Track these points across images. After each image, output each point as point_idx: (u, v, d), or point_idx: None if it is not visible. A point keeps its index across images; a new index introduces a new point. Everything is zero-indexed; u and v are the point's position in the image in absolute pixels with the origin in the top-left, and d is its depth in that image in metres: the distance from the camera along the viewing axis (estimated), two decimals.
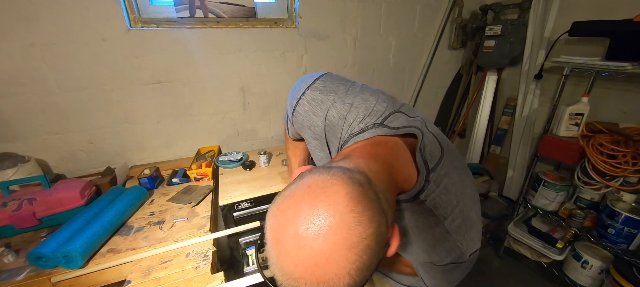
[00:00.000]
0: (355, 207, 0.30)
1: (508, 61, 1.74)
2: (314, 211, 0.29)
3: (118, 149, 1.40)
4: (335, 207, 0.29)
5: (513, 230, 1.69)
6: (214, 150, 1.51)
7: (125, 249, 0.89)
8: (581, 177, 1.42)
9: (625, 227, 1.27)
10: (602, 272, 1.41)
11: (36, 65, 1.14)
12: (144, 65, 1.30)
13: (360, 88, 0.55)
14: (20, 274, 0.79)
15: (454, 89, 2.20)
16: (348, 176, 0.32)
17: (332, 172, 0.33)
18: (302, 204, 0.30)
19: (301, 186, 0.32)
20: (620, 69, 1.21)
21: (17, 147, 1.21)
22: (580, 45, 1.48)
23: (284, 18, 1.52)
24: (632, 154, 1.21)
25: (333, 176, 0.32)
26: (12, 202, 0.94)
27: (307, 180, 0.33)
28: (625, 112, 1.39)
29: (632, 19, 1.19)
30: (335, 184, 0.31)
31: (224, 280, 0.79)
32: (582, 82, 1.51)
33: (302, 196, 0.31)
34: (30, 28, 1.09)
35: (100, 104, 1.29)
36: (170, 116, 1.45)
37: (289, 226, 0.30)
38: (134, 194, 1.08)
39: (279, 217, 0.31)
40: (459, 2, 1.81)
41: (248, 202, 1.17)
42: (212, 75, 1.44)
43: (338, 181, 0.32)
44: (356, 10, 1.62)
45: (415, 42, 1.90)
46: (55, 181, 1.12)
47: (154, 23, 1.27)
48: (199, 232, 0.96)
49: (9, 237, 0.95)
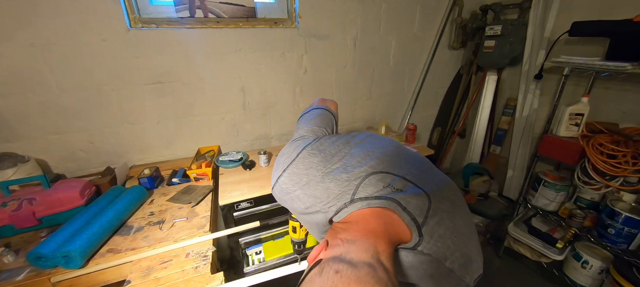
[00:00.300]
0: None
1: (508, 61, 1.74)
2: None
3: (118, 149, 1.40)
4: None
5: (513, 230, 1.69)
6: (214, 150, 1.51)
7: (125, 249, 0.89)
8: (581, 177, 1.42)
9: (625, 227, 1.27)
10: (602, 272, 1.41)
11: (36, 65, 1.14)
12: (144, 65, 1.30)
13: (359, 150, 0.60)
14: (20, 274, 0.79)
15: (454, 89, 2.20)
16: (375, 279, 0.35)
17: (361, 275, 0.35)
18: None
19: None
20: (620, 69, 1.21)
21: (17, 147, 1.21)
22: (580, 45, 1.48)
23: (284, 18, 1.52)
24: (632, 154, 1.21)
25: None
26: (12, 202, 0.94)
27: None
28: (625, 112, 1.39)
29: (632, 19, 1.19)
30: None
31: (223, 280, 0.79)
32: (582, 82, 1.51)
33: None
34: (30, 28, 1.09)
35: (100, 104, 1.29)
36: (170, 116, 1.45)
37: None
38: (133, 194, 1.08)
39: None
40: (459, 2, 1.81)
41: (248, 202, 1.17)
42: (212, 75, 1.44)
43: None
44: (356, 10, 1.62)
45: (415, 42, 1.90)
46: (55, 181, 1.12)
47: (154, 23, 1.27)
48: (198, 232, 0.96)
49: (8, 237, 0.95)
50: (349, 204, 0.50)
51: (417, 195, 0.50)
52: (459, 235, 0.49)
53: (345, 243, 0.41)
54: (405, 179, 0.53)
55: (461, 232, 0.50)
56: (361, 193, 0.50)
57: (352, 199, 0.50)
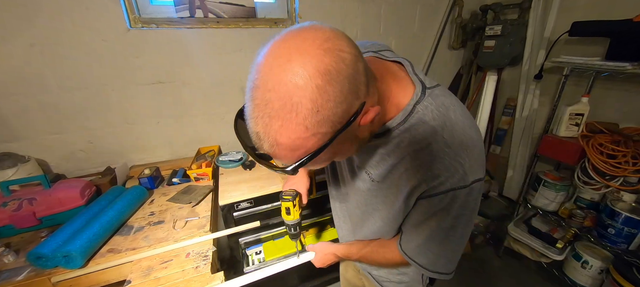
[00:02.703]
0: (335, 33, 0.35)
1: (508, 61, 1.74)
2: (297, 30, 0.35)
3: (118, 149, 1.40)
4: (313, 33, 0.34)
5: (513, 230, 1.69)
6: (214, 150, 1.51)
7: (125, 249, 0.89)
8: (581, 177, 1.42)
9: (625, 227, 1.27)
10: (602, 272, 1.41)
11: (36, 65, 1.14)
12: (144, 65, 1.30)
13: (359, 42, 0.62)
14: (20, 274, 0.79)
15: (454, 89, 2.20)
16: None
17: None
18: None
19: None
20: (620, 69, 1.21)
21: (17, 147, 1.21)
22: (580, 45, 1.48)
23: (284, 18, 1.52)
24: (632, 154, 1.21)
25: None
26: (12, 202, 0.94)
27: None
28: (625, 112, 1.39)
29: (632, 19, 1.19)
30: (318, 25, 0.35)
31: (223, 280, 0.79)
32: (582, 82, 1.51)
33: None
34: (30, 28, 1.09)
35: (100, 104, 1.29)
36: (170, 116, 1.45)
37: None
38: (134, 194, 1.08)
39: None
40: (459, 2, 1.81)
41: (248, 202, 1.17)
42: (212, 75, 1.44)
43: (322, 24, 0.36)
44: (356, 10, 1.62)
45: (415, 42, 1.90)
46: (55, 181, 1.12)
47: (154, 23, 1.27)
48: (199, 232, 0.96)
49: (9, 237, 0.95)
50: (373, 53, 0.53)
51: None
52: (465, 117, 0.45)
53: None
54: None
55: (467, 118, 0.46)
56: (383, 55, 0.53)
57: (376, 52, 0.54)
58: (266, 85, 0.32)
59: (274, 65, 0.32)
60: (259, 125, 0.34)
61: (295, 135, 0.33)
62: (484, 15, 1.86)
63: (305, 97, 0.31)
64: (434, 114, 0.44)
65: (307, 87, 0.31)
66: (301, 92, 0.31)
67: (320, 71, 0.31)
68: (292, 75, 0.31)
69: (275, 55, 0.33)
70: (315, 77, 0.31)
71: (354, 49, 0.35)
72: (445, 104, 0.45)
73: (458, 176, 0.43)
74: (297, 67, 0.31)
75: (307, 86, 0.31)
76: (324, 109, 0.32)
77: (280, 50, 0.33)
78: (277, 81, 0.31)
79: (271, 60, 0.33)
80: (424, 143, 0.44)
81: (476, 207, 0.48)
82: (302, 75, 0.31)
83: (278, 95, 0.31)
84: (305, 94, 0.31)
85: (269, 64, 0.33)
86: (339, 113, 0.34)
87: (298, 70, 0.31)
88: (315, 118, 0.32)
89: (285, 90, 0.31)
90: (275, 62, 0.32)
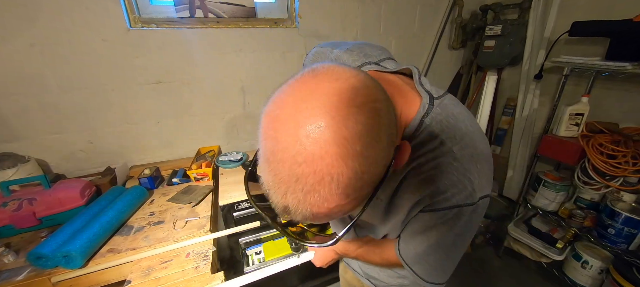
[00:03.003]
0: (360, 79, 0.29)
1: (508, 61, 1.74)
2: (315, 79, 0.29)
3: (118, 149, 1.40)
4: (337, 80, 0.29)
5: (513, 230, 1.69)
6: (214, 150, 1.51)
7: (125, 249, 0.89)
8: (581, 177, 1.42)
9: (625, 227, 1.27)
10: (602, 272, 1.41)
11: (36, 65, 1.14)
12: (144, 65, 1.30)
13: (360, 42, 0.58)
14: (20, 274, 0.79)
15: (454, 89, 2.20)
16: (349, 65, 0.33)
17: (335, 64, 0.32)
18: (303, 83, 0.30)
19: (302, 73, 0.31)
20: (620, 69, 1.21)
21: (17, 147, 1.21)
22: (580, 45, 1.48)
23: (284, 18, 1.52)
24: (632, 154, 1.21)
25: (336, 62, 0.32)
26: (12, 202, 0.94)
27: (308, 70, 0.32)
28: (625, 112, 1.39)
29: (632, 19, 1.19)
30: (336, 65, 0.31)
31: (223, 280, 0.79)
32: (582, 82, 1.51)
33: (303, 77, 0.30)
34: (30, 28, 1.09)
35: (100, 104, 1.29)
36: (170, 116, 1.45)
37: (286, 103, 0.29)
38: (134, 194, 1.08)
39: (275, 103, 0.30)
40: (459, 2, 1.81)
41: (248, 202, 1.17)
42: (212, 75, 1.44)
43: (342, 65, 0.32)
44: (356, 10, 1.62)
45: (415, 42, 1.90)
46: (55, 181, 1.12)
47: (154, 23, 1.27)
48: (199, 232, 0.96)
49: (9, 237, 0.95)
50: (374, 64, 0.51)
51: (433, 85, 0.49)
52: (475, 127, 0.43)
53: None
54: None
55: (477, 129, 0.44)
56: (385, 65, 0.51)
57: (377, 62, 0.51)
58: (295, 159, 0.27)
59: (300, 135, 0.26)
60: (289, 200, 0.29)
61: (334, 204, 0.29)
62: (484, 15, 1.86)
63: (347, 166, 0.27)
64: (443, 126, 0.41)
65: (347, 156, 0.26)
66: (340, 162, 0.26)
67: (359, 134, 0.27)
68: (327, 146, 0.26)
69: (297, 121, 0.27)
70: (354, 143, 0.26)
71: (382, 94, 0.31)
72: (455, 115, 0.42)
73: (466, 193, 0.40)
74: (330, 134, 0.26)
75: (347, 154, 0.26)
76: (367, 173, 0.29)
77: (303, 113, 0.27)
78: (308, 154, 0.26)
79: (294, 128, 0.27)
80: (431, 156, 0.41)
81: (479, 222, 0.47)
82: (339, 143, 0.26)
83: (312, 169, 0.26)
84: (347, 162, 0.27)
85: (291, 132, 0.27)
86: (380, 171, 0.31)
87: (333, 137, 0.26)
88: (358, 184, 0.28)
89: (320, 164, 0.26)
90: (301, 131, 0.26)
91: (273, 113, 0.29)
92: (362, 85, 0.29)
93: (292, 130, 0.27)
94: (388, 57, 0.54)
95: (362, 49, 0.55)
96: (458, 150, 0.40)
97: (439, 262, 0.51)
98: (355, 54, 0.54)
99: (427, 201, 0.43)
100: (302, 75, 0.30)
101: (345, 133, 0.26)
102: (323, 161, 0.26)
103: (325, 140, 0.26)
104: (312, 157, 0.26)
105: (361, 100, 0.28)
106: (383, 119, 0.29)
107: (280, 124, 0.28)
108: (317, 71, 0.30)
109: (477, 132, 0.43)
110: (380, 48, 0.57)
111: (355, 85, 0.28)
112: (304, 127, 0.26)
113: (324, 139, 0.26)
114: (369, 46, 0.56)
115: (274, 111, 0.29)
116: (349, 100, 0.27)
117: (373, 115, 0.28)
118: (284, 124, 0.28)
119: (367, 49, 0.55)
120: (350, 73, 0.30)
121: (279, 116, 0.28)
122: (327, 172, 0.26)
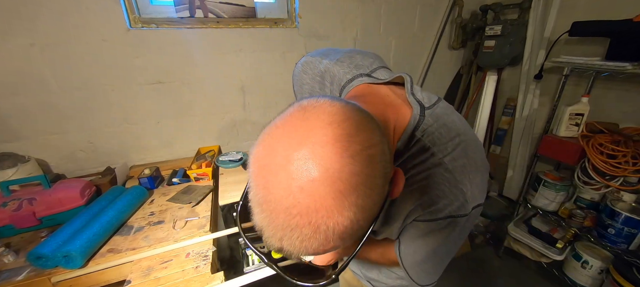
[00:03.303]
0: (353, 122, 0.28)
1: (508, 61, 1.74)
2: (306, 123, 0.27)
3: (118, 149, 1.40)
4: (330, 121, 0.27)
5: (513, 230, 1.69)
6: (214, 150, 1.51)
7: (125, 249, 0.89)
8: (581, 177, 1.42)
9: (625, 227, 1.27)
10: (602, 272, 1.41)
11: (36, 65, 1.14)
12: (144, 65, 1.30)
13: (350, 50, 0.57)
14: (20, 274, 0.79)
15: (454, 89, 2.20)
16: (339, 99, 0.31)
17: (325, 97, 0.31)
18: (293, 122, 0.28)
19: (293, 108, 0.30)
20: (620, 69, 1.21)
21: (17, 147, 1.21)
22: (580, 45, 1.48)
23: (284, 18, 1.52)
24: (632, 154, 1.21)
25: (326, 98, 0.31)
26: (12, 202, 0.94)
27: (299, 104, 0.31)
28: (625, 112, 1.39)
29: (632, 19, 1.19)
30: (327, 102, 0.30)
31: (223, 280, 0.79)
32: (582, 82, 1.51)
33: (293, 114, 0.29)
34: (30, 28, 1.09)
35: (100, 104, 1.29)
36: (170, 116, 1.45)
37: (277, 147, 0.27)
38: (134, 194, 1.08)
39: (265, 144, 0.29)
40: (459, 2, 1.81)
41: None
42: (212, 75, 1.44)
43: (332, 100, 0.30)
44: (356, 10, 1.62)
45: (415, 42, 1.90)
46: (55, 181, 1.12)
47: (154, 23, 1.27)
48: (199, 232, 0.96)
49: (9, 237, 0.95)
50: (366, 76, 0.50)
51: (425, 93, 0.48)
52: (468, 136, 0.42)
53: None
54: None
55: (471, 138, 0.43)
56: (377, 75, 0.50)
57: (369, 74, 0.50)
58: (289, 211, 0.26)
59: (293, 188, 0.26)
60: (285, 244, 0.28)
61: (330, 246, 0.29)
62: (484, 15, 1.86)
63: (343, 216, 0.26)
64: (434, 137, 0.41)
65: (343, 207, 0.26)
66: (336, 214, 0.26)
67: (354, 186, 0.26)
68: (322, 200, 0.25)
69: (289, 173, 0.26)
70: (349, 195, 0.26)
71: (377, 134, 0.30)
72: (447, 124, 0.42)
73: (458, 204, 0.40)
74: (324, 188, 0.25)
75: (343, 206, 0.26)
76: (363, 220, 0.28)
77: (294, 163, 0.26)
78: (303, 207, 0.26)
79: (286, 180, 0.26)
80: (422, 168, 0.41)
81: (471, 228, 0.49)
82: (334, 196, 0.25)
83: (307, 221, 0.26)
84: (343, 214, 0.26)
85: (283, 184, 0.26)
86: (376, 212, 0.30)
87: (327, 191, 0.25)
88: (354, 229, 0.28)
89: (316, 216, 0.26)
90: (294, 184, 0.26)
91: (263, 161, 0.28)
92: (355, 130, 0.28)
93: (284, 182, 0.26)
94: (380, 66, 0.53)
95: (353, 59, 0.53)
96: (449, 161, 0.40)
97: (432, 267, 0.53)
98: (345, 66, 0.53)
99: (420, 212, 0.43)
100: (291, 115, 0.29)
101: (340, 186, 0.26)
102: (318, 213, 0.26)
103: (320, 194, 0.25)
104: (307, 210, 0.26)
105: (356, 149, 0.27)
106: (378, 164, 0.29)
107: (271, 175, 0.27)
108: (307, 111, 0.29)
109: (470, 141, 0.42)
110: (372, 55, 0.55)
111: (349, 132, 0.27)
112: (297, 180, 0.25)
113: (318, 194, 0.25)
114: (361, 54, 0.55)
115: (263, 158, 0.28)
116: (344, 150, 0.26)
117: (368, 164, 0.27)
118: (276, 175, 0.26)
119: (358, 59, 0.53)
120: (343, 114, 0.28)
121: (269, 165, 0.27)
122: (323, 223, 0.26)
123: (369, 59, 0.54)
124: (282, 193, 0.26)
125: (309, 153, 0.26)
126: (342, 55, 0.54)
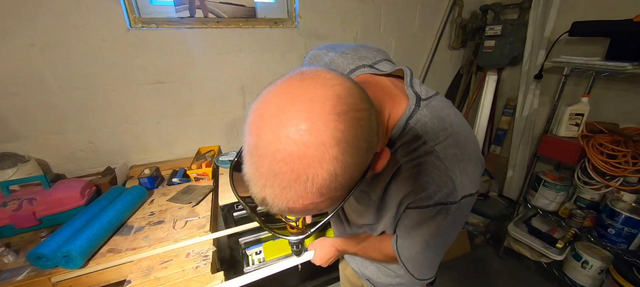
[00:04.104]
0: (345, 87, 0.31)
1: (508, 61, 1.74)
2: (302, 82, 0.30)
3: (118, 149, 1.40)
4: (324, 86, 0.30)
5: (513, 230, 1.69)
6: (214, 150, 1.51)
7: (125, 249, 0.89)
8: (581, 177, 1.42)
9: (625, 227, 1.27)
10: (602, 272, 1.41)
11: (36, 65, 1.14)
12: (144, 65, 1.30)
13: (357, 44, 0.60)
14: (20, 274, 0.79)
15: (454, 89, 2.20)
16: (337, 71, 0.34)
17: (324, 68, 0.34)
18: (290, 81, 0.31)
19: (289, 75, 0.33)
20: (620, 69, 1.21)
21: (17, 147, 1.21)
22: (580, 45, 1.48)
23: (284, 18, 1.52)
24: (632, 154, 1.21)
25: (325, 67, 0.34)
26: (12, 202, 0.94)
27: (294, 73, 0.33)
28: (625, 112, 1.39)
29: (632, 19, 1.19)
30: (325, 70, 0.32)
31: (223, 280, 0.79)
32: (582, 82, 1.51)
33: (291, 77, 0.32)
34: (30, 28, 1.09)
35: (100, 104, 1.29)
36: (170, 116, 1.45)
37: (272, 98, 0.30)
38: (134, 194, 1.08)
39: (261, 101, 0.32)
40: (459, 2, 1.81)
41: None
42: (212, 75, 1.44)
43: (330, 70, 0.33)
44: (356, 10, 1.62)
45: (415, 42, 1.90)
46: (55, 181, 1.12)
47: (154, 23, 1.27)
48: (199, 232, 0.96)
49: (9, 237, 0.95)
50: (368, 67, 0.53)
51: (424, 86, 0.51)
52: (462, 128, 0.44)
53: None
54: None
55: (465, 131, 0.45)
56: (380, 67, 0.53)
57: (371, 65, 0.53)
58: (274, 156, 0.28)
59: (281, 135, 0.28)
60: (267, 193, 0.30)
61: (309, 201, 0.30)
62: (484, 15, 1.86)
63: (322, 168, 0.28)
64: (427, 127, 0.43)
65: (323, 159, 0.28)
66: (317, 164, 0.28)
67: (337, 140, 0.28)
68: (306, 148, 0.27)
69: (280, 121, 0.28)
70: (332, 148, 0.28)
71: (366, 102, 0.32)
72: (442, 116, 0.44)
73: (447, 190, 0.42)
74: (309, 137, 0.27)
75: (323, 158, 0.28)
76: (342, 176, 0.30)
77: (286, 114, 0.28)
78: (287, 153, 0.28)
79: (276, 127, 0.28)
80: (414, 155, 0.43)
81: (464, 220, 0.49)
82: (317, 147, 0.27)
83: (289, 167, 0.28)
84: (322, 165, 0.28)
85: (273, 131, 0.28)
86: (356, 176, 0.32)
87: (312, 141, 0.27)
88: (333, 185, 0.30)
89: (298, 163, 0.28)
90: (282, 131, 0.28)
91: (259, 111, 0.30)
92: (345, 93, 0.30)
93: (274, 129, 0.28)
94: (384, 59, 0.55)
95: (358, 52, 0.56)
96: (441, 149, 0.42)
97: (428, 260, 0.54)
98: (349, 57, 0.55)
99: (411, 198, 0.46)
100: (291, 77, 0.32)
101: (323, 138, 0.28)
102: (301, 161, 0.28)
103: (304, 143, 0.27)
104: (290, 157, 0.28)
105: (343, 109, 0.29)
106: (363, 128, 0.31)
107: (264, 122, 0.29)
108: (305, 75, 0.31)
109: (464, 133, 0.44)
110: (376, 50, 0.57)
111: (339, 93, 0.30)
112: (286, 128, 0.28)
113: (303, 142, 0.27)
114: (365, 48, 0.57)
115: (260, 109, 0.30)
116: (331, 108, 0.28)
117: (353, 124, 0.29)
118: (268, 122, 0.29)
119: (362, 52, 0.56)
120: (336, 80, 0.31)
121: (264, 115, 0.30)
122: (303, 172, 0.28)
123: (373, 52, 0.56)
124: (271, 138, 0.28)
125: (299, 106, 0.28)
126: (347, 49, 0.57)
